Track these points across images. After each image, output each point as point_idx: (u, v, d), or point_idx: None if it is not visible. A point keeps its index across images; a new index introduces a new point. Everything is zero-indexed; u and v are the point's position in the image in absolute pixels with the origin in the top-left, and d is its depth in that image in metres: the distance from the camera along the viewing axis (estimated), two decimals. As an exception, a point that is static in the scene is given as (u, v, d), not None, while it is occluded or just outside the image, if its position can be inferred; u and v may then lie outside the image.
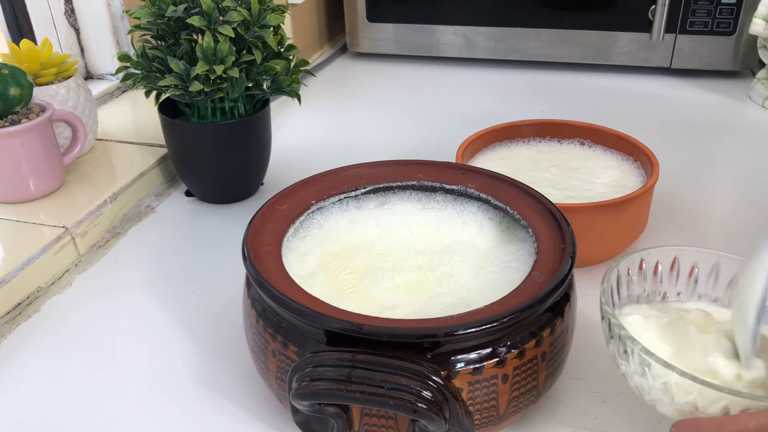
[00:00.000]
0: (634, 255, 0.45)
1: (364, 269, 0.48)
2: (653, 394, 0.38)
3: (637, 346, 0.38)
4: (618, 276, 0.44)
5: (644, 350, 0.38)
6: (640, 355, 0.38)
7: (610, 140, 0.68)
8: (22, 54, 0.72)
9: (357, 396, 0.37)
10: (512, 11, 1.05)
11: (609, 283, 0.43)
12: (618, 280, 0.44)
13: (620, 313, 0.44)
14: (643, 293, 0.47)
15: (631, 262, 0.45)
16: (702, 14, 0.97)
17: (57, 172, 0.70)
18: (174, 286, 0.61)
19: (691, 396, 0.36)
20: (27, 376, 0.52)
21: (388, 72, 1.13)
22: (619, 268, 0.44)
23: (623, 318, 0.43)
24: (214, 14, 0.62)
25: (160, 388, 0.50)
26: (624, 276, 0.45)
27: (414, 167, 0.55)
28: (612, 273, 0.44)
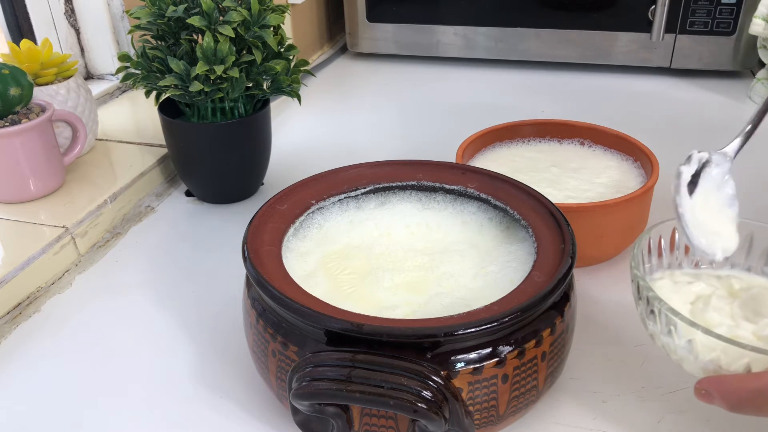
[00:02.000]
0: (667, 223, 0.46)
1: (364, 269, 0.48)
2: (679, 353, 0.40)
3: (663, 306, 0.39)
4: (650, 242, 0.46)
5: (670, 309, 0.39)
6: (666, 314, 0.39)
7: (610, 140, 0.68)
8: (22, 54, 0.72)
9: (357, 396, 0.37)
10: (512, 11, 1.05)
11: (640, 249, 0.45)
12: (650, 247, 0.46)
13: (651, 279, 0.46)
14: (675, 261, 0.48)
15: (663, 230, 0.46)
16: (702, 14, 0.97)
17: (57, 172, 0.70)
18: (174, 286, 0.61)
19: (715, 353, 0.38)
20: (27, 376, 0.52)
21: (388, 72, 1.13)
22: (651, 235, 0.46)
23: (653, 282, 0.45)
24: (214, 14, 0.62)
25: (160, 388, 0.50)
26: (656, 243, 0.46)
27: (414, 167, 0.55)
28: (644, 239, 0.45)
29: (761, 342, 0.40)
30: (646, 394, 0.48)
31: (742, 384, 0.36)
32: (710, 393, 0.37)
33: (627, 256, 0.63)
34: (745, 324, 0.41)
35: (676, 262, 0.48)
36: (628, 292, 0.58)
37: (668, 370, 0.50)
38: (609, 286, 0.59)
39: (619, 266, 0.62)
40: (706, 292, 0.44)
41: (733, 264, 0.48)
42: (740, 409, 0.37)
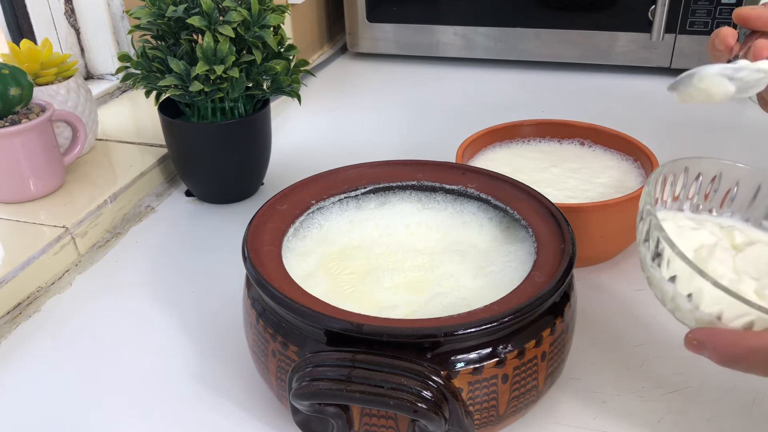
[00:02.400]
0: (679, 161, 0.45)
1: (364, 269, 0.48)
2: (677, 301, 0.38)
3: (675, 249, 0.37)
4: (665, 181, 0.45)
5: (681, 255, 0.37)
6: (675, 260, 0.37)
7: (610, 140, 0.68)
8: (22, 54, 0.72)
9: (357, 396, 0.37)
10: (512, 11, 1.05)
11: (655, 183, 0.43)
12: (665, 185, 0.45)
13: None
14: (677, 203, 0.47)
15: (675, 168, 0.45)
16: (702, 14, 0.97)
17: (57, 172, 0.70)
18: (174, 286, 0.61)
19: (719, 307, 0.36)
20: (27, 376, 0.52)
21: (388, 72, 1.13)
22: (664, 171, 0.44)
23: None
24: (214, 14, 0.62)
25: (160, 388, 0.50)
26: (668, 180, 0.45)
27: (414, 167, 0.55)
28: (658, 175, 0.44)
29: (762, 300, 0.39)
30: (646, 394, 0.48)
31: (739, 340, 0.35)
32: (703, 344, 0.36)
33: (627, 256, 0.63)
34: (748, 280, 0.40)
35: (678, 204, 0.47)
36: (628, 292, 0.58)
37: (668, 370, 0.50)
38: (609, 286, 0.59)
39: (619, 266, 0.62)
40: (710, 241, 0.43)
41: (733, 212, 0.47)
42: (732, 365, 0.36)
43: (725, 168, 0.47)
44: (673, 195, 0.46)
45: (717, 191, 0.47)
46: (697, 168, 0.46)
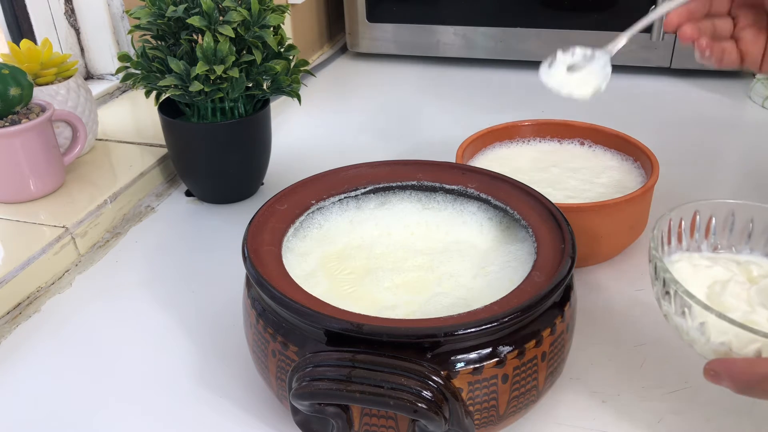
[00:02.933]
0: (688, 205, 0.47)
1: (364, 269, 0.48)
2: (691, 334, 0.40)
3: (679, 288, 0.40)
4: (670, 223, 0.46)
5: (685, 292, 0.39)
6: (682, 296, 0.39)
7: (610, 140, 0.68)
8: (22, 54, 0.72)
9: (357, 396, 0.37)
10: (512, 11, 1.05)
11: (660, 229, 0.45)
12: (670, 228, 0.46)
13: (669, 260, 0.46)
14: (694, 243, 0.48)
15: (684, 212, 0.47)
16: (702, 14, 0.97)
17: (57, 172, 0.70)
18: (174, 286, 0.61)
19: (726, 337, 0.38)
20: (27, 376, 0.52)
21: (388, 72, 1.13)
22: (671, 216, 0.46)
23: (672, 265, 0.46)
24: (214, 14, 0.62)
25: (160, 387, 0.50)
26: (676, 225, 0.47)
27: (414, 167, 0.55)
28: (664, 219, 0.45)
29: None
30: (646, 394, 0.48)
31: (752, 368, 0.36)
32: (719, 374, 0.37)
33: (627, 256, 0.63)
34: (761, 310, 0.41)
35: (695, 245, 0.48)
36: (628, 292, 0.58)
37: (668, 370, 0.50)
38: (609, 286, 0.59)
39: (619, 266, 0.62)
40: (724, 277, 0.44)
41: (752, 249, 0.48)
42: (748, 393, 0.37)
43: (737, 207, 0.48)
44: (689, 236, 0.48)
45: (732, 230, 0.48)
46: (708, 210, 0.48)
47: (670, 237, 0.47)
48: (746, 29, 0.56)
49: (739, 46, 0.57)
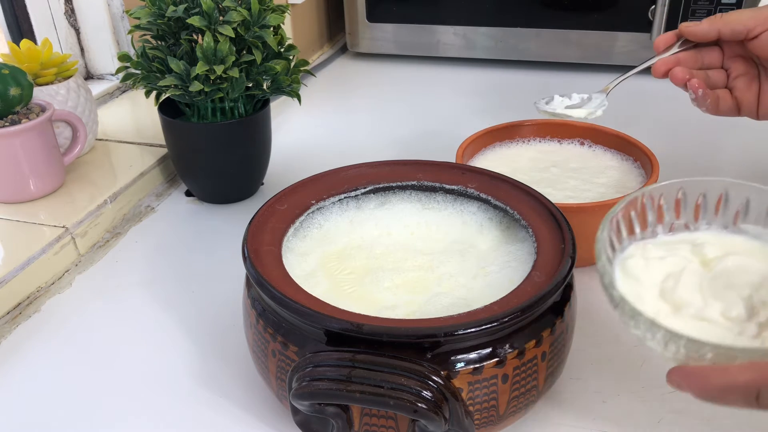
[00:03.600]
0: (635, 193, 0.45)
1: (364, 269, 0.48)
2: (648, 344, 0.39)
3: (626, 305, 0.38)
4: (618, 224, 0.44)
5: (632, 310, 0.37)
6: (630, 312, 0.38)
7: (610, 140, 0.68)
8: (22, 54, 0.72)
9: (357, 396, 0.37)
10: (512, 11, 1.05)
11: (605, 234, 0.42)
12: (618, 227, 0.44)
13: (623, 257, 0.44)
14: (649, 231, 0.46)
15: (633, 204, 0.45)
16: (702, 14, 0.97)
17: (57, 172, 0.70)
18: (174, 286, 0.61)
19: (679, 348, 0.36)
20: (27, 376, 0.52)
21: (388, 72, 1.13)
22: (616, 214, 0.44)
23: (624, 262, 0.43)
24: (214, 14, 0.62)
25: (160, 388, 0.50)
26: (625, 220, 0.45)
27: (414, 167, 0.55)
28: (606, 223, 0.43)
29: (730, 323, 0.39)
30: (646, 394, 0.48)
31: (707, 380, 0.35)
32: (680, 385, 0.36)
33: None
34: (713, 303, 0.40)
35: (649, 232, 0.46)
36: (628, 292, 0.58)
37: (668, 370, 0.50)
38: (609, 286, 0.59)
39: (619, 266, 0.62)
40: (678, 268, 0.43)
41: (709, 223, 0.46)
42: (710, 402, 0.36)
43: (686, 185, 0.46)
44: (641, 225, 0.46)
45: (686, 207, 0.46)
46: (658, 193, 0.46)
47: (620, 232, 0.45)
48: (738, 78, 0.59)
49: (734, 95, 0.59)
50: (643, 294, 0.41)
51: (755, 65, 0.59)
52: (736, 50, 0.59)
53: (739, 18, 0.56)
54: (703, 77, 0.59)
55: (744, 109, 0.59)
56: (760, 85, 0.58)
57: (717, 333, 0.38)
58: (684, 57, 0.59)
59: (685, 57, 0.59)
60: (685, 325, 0.39)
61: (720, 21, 0.57)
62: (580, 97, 0.64)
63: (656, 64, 0.60)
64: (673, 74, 0.58)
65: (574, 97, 0.64)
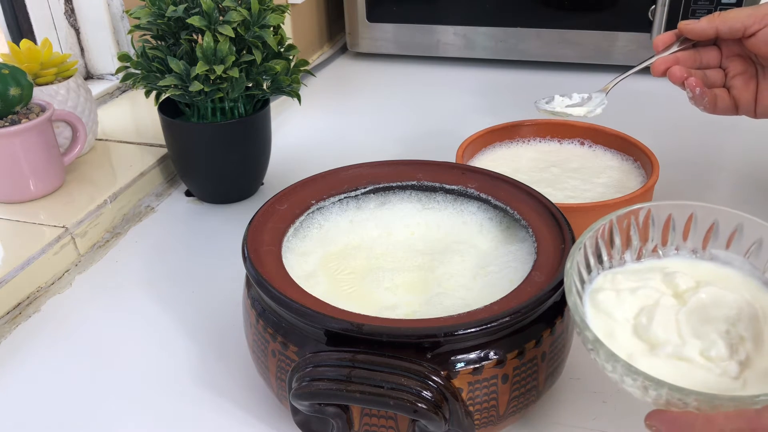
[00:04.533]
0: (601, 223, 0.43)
1: (364, 269, 0.48)
2: (626, 388, 0.37)
3: (602, 348, 0.36)
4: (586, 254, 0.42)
5: (608, 352, 0.35)
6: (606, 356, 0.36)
7: (610, 140, 0.68)
8: (22, 54, 0.72)
9: (357, 396, 0.37)
10: (512, 11, 1.05)
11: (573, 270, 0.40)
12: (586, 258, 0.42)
13: (593, 289, 0.42)
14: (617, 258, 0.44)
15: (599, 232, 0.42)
16: (702, 14, 0.97)
17: (57, 172, 0.70)
18: (174, 286, 0.61)
19: (661, 393, 0.34)
20: (27, 376, 0.52)
21: (388, 72, 1.13)
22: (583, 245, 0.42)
23: (594, 295, 0.41)
24: (214, 14, 0.62)
25: (160, 387, 0.50)
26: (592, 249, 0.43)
27: (414, 167, 0.55)
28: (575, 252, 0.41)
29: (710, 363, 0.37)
30: (646, 394, 0.48)
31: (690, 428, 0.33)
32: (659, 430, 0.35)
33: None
34: (692, 341, 0.38)
35: (617, 260, 0.44)
36: (628, 292, 0.58)
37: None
38: (609, 286, 0.59)
39: (619, 266, 0.62)
40: (651, 301, 0.40)
41: (678, 248, 0.45)
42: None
43: (654, 208, 0.44)
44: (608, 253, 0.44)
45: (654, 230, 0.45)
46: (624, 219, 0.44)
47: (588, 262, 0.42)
48: (736, 77, 0.60)
49: (732, 94, 0.60)
50: (616, 331, 0.39)
51: (753, 64, 0.59)
52: (734, 49, 0.59)
53: (737, 16, 0.56)
54: (701, 76, 0.59)
55: (742, 108, 0.60)
56: (758, 84, 0.59)
57: (698, 375, 0.37)
58: (682, 56, 0.59)
59: (683, 56, 0.59)
60: (663, 365, 0.37)
61: (718, 19, 0.57)
62: (581, 97, 0.64)
63: (655, 63, 0.60)
64: (671, 73, 0.59)
65: (574, 97, 0.65)
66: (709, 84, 0.60)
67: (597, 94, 0.64)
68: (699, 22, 0.58)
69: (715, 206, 0.44)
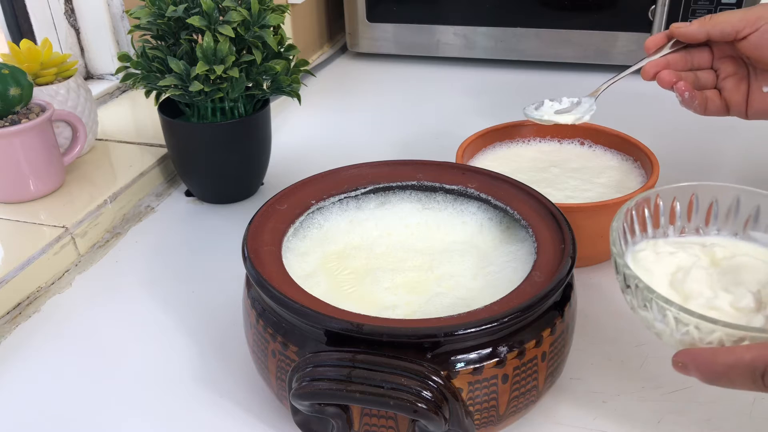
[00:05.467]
0: (648, 193, 0.47)
1: (364, 269, 0.48)
2: (656, 326, 0.40)
3: (639, 282, 0.40)
4: (632, 215, 0.46)
5: (646, 287, 0.39)
6: (642, 291, 0.40)
7: (610, 140, 0.68)
8: (22, 54, 0.72)
9: (357, 396, 0.37)
10: (512, 11, 1.05)
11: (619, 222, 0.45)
12: (632, 219, 0.46)
13: (633, 250, 0.46)
14: (660, 231, 0.48)
15: (646, 201, 0.47)
16: (702, 14, 0.97)
17: (57, 172, 0.70)
18: (174, 286, 0.61)
19: (689, 328, 0.38)
20: (27, 376, 0.52)
21: (388, 72, 1.13)
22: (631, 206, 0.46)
23: (636, 254, 0.45)
24: (214, 14, 0.62)
25: (160, 387, 0.50)
26: (639, 215, 0.47)
27: (414, 167, 0.55)
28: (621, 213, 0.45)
29: (738, 313, 0.40)
30: (646, 394, 0.48)
31: (715, 358, 0.36)
32: (686, 365, 0.37)
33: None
34: (723, 295, 0.41)
35: (661, 231, 0.48)
36: (628, 292, 0.58)
37: (668, 370, 0.50)
38: (609, 286, 0.59)
39: (619, 266, 0.62)
40: (687, 263, 0.44)
41: (719, 229, 0.48)
42: (715, 383, 0.37)
43: (699, 189, 0.48)
44: (653, 224, 0.47)
45: (698, 211, 0.48)
46: (671, 195, 0.48)
47: (634, 227, 0.47)
48: (727, 79, 0.60)
49: (723, 95, 0.60)
50: (654, 283, 0.42)
51: (744, 66, 0.59)
52: (725, 51, 0.59)
53: (729, 19, 0.56)
54: (692, 78, 0.60)
55: (733, 110, 0.60)
56: (749, 86, 0.59)
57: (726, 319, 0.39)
58: (674, 58, 0.60)
59: (674, 58, 0.60)
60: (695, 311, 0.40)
61: (709, 22, 0.57)
62: (570, 101, 0.65)
63: (645, 67, 0.60)
64: (660, 77, 0.59)
65: (564, 101, 0.65)
66: (700, 86, 0.60)
67: (587, 99, 0.65)
68: (691, 26, 0.58)
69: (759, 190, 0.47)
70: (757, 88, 0.58)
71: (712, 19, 0.57)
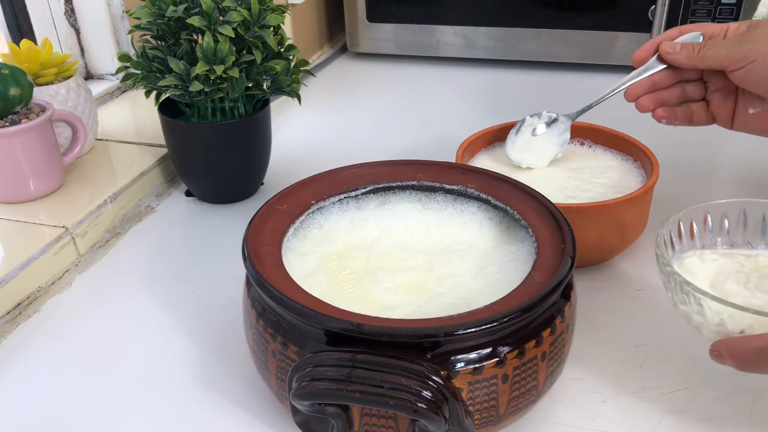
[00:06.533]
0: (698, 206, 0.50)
1: (364, 269, 0.48)
2: (694, 318, 0.44)
3: (678, 277, 0.43)
4: (679, 225, 0.49)
5: (683, 280, 0.43)
6: (681, 284, 0.43)
7: (610, 140, 0.68)
8: (22, 54, 0.72)
9: (357, 396, 0.37)
10: (512, 11, 1.05)
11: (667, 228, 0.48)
12: (679, 229, 0.49)
13: (680, 257, 0.49)
14: (709, 242, 0.51)
15: (695, 213, 0.50)
16: (702, 14, 0.97)
17: (57, 172, 0.70)
18: (174, 286, 0.61)
19: (722, 317, 0.41)
20: (27, 376, 0.52)
21: (388, 72, 1.13)
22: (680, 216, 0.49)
23: (682, 260, 0.49)
24: (214, 14, 0.62)
25: (160, 387, 0.50)
26: (687, 225, 0.50)
27: (414, 167, 0.55)
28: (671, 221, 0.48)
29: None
30: (646, 394, 0.48)
31: (745, 344, 0.40)
32: (721, 353, 0.41)
33: (627, 256, 0.63)
34: (760, 295, 0.44)
35: (710, 243, 0.51)
36: (628, 292, 0.58)
37: (668, 370, 0.50)
38: (609, 286, 0.59)
39: (619, 266, 0.62)
40: (730, 269, 0.47)
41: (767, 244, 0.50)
42: (746, 368, 0.40)
43: (748, 205, 0.50)
44: (702, 236, 0.50)
45: (746, 227, 0.50)
46: (721, 210, 0.50)
47: (682, 236, 0.49)
48: (715, 93, 0.61)
49: (710, 108, 0.62)
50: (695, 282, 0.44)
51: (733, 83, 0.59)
52: None
53: (714, 56, 0.57)
54: (678, 93, 0.61)
55: (719, 121, 0.62)
56: (736, 103, 0.60)
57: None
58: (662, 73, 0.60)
59: (663, 73, 0.60)
60: None
61: (696, 56, 0.58)
62: (549, 116, 0.66)
63: (629, 90, 0.62)
64: (639, 104, 0.62)
65: (543, 116, 0.66)
66: (687, 98, 0.62)
67: (563, 119, 0.66)
68: (678, 54, 0.59)
69: None
70: (743, 107, 0.60)
71: (699, 54, 0.58)
